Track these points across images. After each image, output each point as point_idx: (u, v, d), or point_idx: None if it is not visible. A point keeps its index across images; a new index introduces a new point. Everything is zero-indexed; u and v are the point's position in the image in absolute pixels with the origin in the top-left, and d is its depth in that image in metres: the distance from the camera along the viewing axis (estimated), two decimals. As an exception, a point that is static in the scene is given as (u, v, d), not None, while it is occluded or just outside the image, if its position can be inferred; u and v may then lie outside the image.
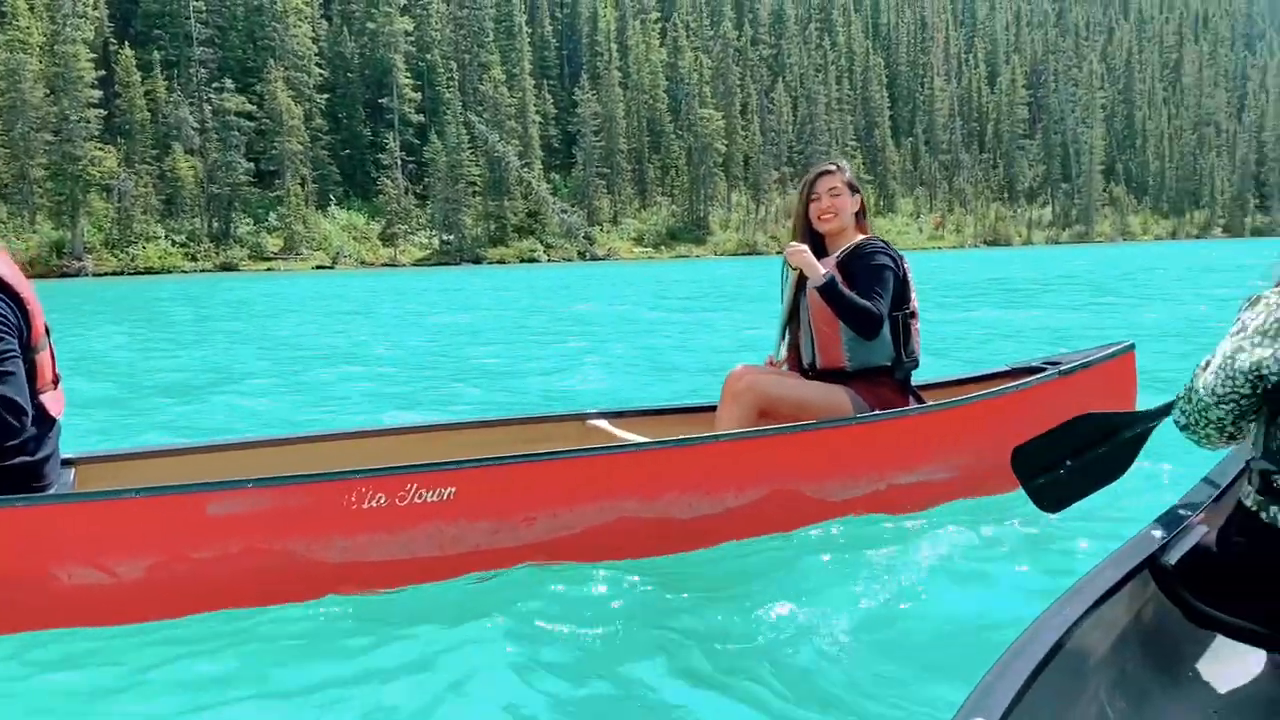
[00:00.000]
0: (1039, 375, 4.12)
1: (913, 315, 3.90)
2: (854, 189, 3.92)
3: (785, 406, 3.79)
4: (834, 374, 3.86)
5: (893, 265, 3.79)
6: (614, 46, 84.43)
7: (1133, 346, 4.39)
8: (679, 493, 3.46)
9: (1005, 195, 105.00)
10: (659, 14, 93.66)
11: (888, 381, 3.87)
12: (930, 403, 3.92)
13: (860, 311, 3.66)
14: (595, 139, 78.23)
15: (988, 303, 18.77)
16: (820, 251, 3.88)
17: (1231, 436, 1.96)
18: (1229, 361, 1.84)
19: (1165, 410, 2.20)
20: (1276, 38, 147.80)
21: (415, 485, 3.05)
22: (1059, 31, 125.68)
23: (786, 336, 4.09)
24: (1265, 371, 1.79)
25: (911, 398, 3.94)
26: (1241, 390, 1.83)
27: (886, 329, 3.78)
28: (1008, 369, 4.49)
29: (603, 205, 77.45)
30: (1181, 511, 2.16)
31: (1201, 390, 1.91)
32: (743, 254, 75.74)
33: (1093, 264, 40.48)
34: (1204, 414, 1.92)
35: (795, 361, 4.08)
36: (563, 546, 3.29)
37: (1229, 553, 1.88)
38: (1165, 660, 1.92)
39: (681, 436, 3.55)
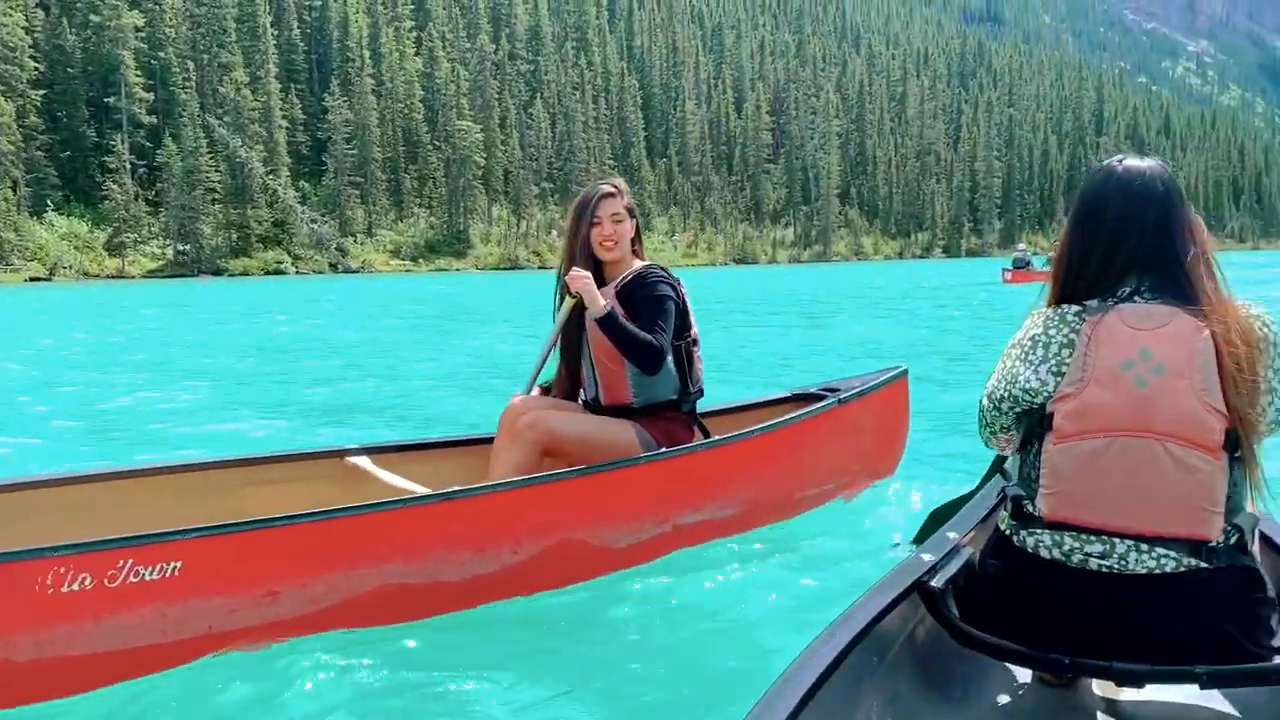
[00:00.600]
0: (821, 403, 4.05)
1: (695, 343, 3.70)
2: (633, 213, 3.69)
3: (571, 445, 3.50)
4: (619, 410, 3.60)
5: (674, 295, 3.57)
6: (366, 53, 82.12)
7: (906, 371, 4.45)
8: (450, 551, 3.08)
9: (752, 216, 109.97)
10: (413, 23, 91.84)
11: (675, 415, 3.66)
12: (717, 436, 3.73)
13: (642, 346, 3.41)
14: (347, 147, 75.64)
15: (748, 321, 19.35)
16: (598, 279, 3.61)
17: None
18: (997, 374, 1.94)
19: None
20: (985, 76, 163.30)
21: (130, 561, 2.51)
22: (799, 62, 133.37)
23: (547, 367, 3.80)
24: (1017, 391, 1.87)
25: (698, 430, 3.75)
26: (1004, 404, 1.92)
27: (670, 361, 3.57)
28: (788, 395, 4.41)
29: (356, 216, 74.91)
30: (949, 535, 2.21)
31: (985, 397, 1.98)
32: (505, 268, 75.40)
33: (833, 281, 42.95)
34: (984, 414, 1.99)
35: (567, 393, 3.81)
36: (314, 621, 2.84)
37: (987, 575, 1.94)
38: (935, 681, 1.96)
39: (454, 487, 3.17)
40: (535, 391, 3.80)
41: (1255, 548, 1.84)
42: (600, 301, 3.42)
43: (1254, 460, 1.77)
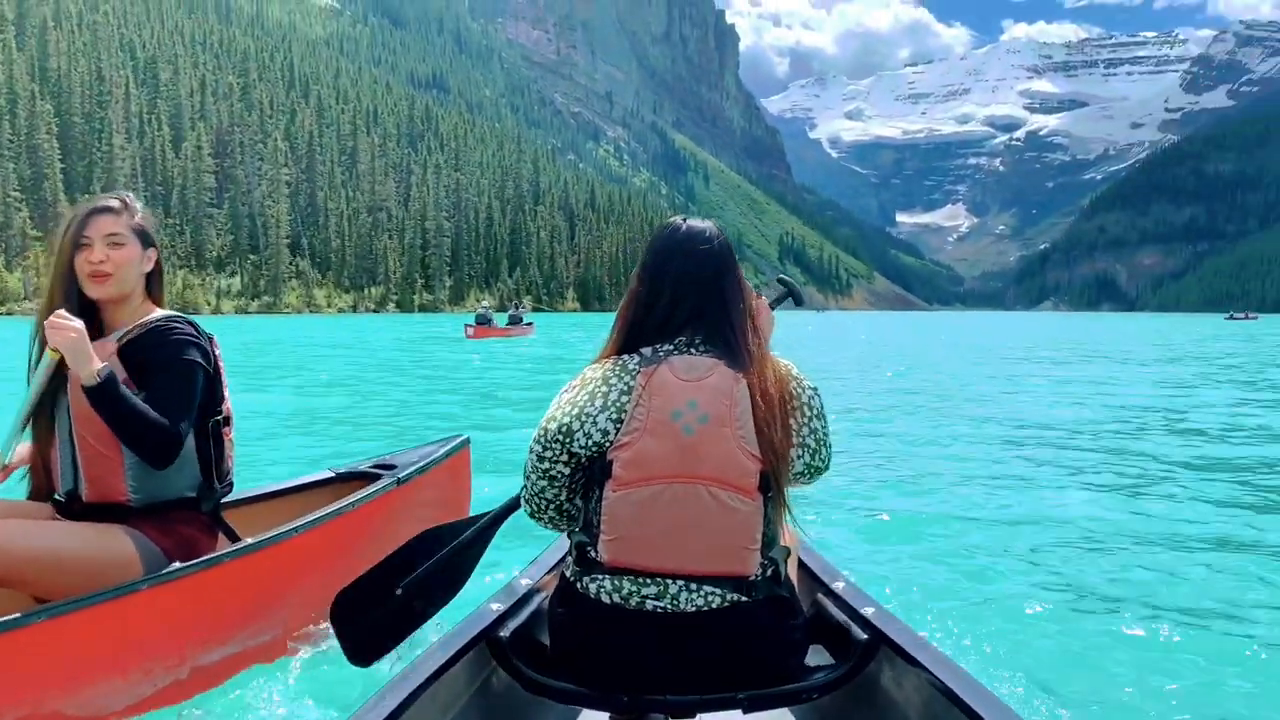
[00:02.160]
0: (377, 484, 3.32)
1: (226, 422, 2.76)
2: (147, 240, 2.67)
3: (29, 570, 2.39)
4: (110, 511, 2.55)
5: (202, 359, 2.62)
6: None
7: (468, 441, 3.92)
8: None
9: (193, 262, 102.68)
10: None
11: (192, 517, 2.67)
12: (249, 540, 2.80)
13: (150, 431, 2.43)
14: None
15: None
16: (94, 329, 2.55)
17: (573, 517, 1.97)
18: (543, 433, 1.91)
19: (512, 506, 2.26)
20: (434, 140, 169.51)
21: None
22: (244, 105, 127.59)
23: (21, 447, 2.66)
24: (576, 447, 1.87)
25: (222, 534, 2.79)
26: (559, 461, 1.90)
27: (192, 444, 2.61)
28: (333, 475, 3.59)
29: None
30: (521, 583, 2.20)
31: (529, 469, 1.95)
32: None
33: (299, 334, 41.13)
34: (541, 495, 1.96)
35: (41, 488, 2.67)
36: None
37: (555, 623, 1.96)
38: None
39: None
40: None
41: (793, 573, 2.01)
42: (94, 364, 2.38)
43: (783, 499, 1.87)
